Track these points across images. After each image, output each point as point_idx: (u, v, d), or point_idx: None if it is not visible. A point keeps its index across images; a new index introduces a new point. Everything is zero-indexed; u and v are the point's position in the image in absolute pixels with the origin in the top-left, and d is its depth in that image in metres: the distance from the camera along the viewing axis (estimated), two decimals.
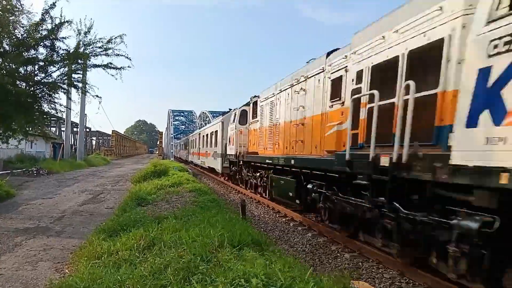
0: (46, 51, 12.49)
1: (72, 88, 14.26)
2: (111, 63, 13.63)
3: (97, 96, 15.16)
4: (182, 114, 76.57)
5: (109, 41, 13.29)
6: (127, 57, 13.67)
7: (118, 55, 13.48)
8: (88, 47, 13.07)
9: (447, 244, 4.82)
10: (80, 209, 11.73)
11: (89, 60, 13.64)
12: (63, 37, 12.47)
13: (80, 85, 14.10)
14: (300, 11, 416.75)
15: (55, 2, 11.94)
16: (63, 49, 12.64)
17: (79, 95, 15.09)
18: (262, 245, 6.53)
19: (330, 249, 8.11)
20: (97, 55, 13.40)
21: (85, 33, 12.88)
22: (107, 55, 13.42)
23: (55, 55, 12.54)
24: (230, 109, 23.62)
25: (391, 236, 6.20)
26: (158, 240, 6.17)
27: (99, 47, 13.23)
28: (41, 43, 12.08)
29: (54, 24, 12.04)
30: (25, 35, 11.85)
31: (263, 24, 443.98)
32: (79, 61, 13.22)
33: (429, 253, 5.52)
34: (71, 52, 12.71)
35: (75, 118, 38.63)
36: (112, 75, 13.88)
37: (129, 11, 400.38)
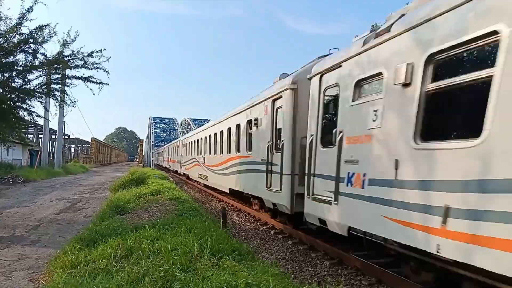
0: (25, 56, 12.31)
1: (50, 99, 14.09)
2: (92, 76, 13.56)
3: (72, 104, 15.07)
4: (163, 121, 76.00)
5: (90, 55, 13.23)
6: (106, 71, 13.62)
7: (98, 68, 13.42)
8: (70, 59, 12.97)
9: None
10: (57, 217, 11.50)
11: (70, 69, 13.51)
12: (42, 41, 12.30)
13: (58, 94, 13.93)
14: (283, 21, 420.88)
15: (32, 6, 11.81)
16: (41, 53, 12.47)
17: (56, 106, 14.91)
18: (242, 254, 6.52)
19: (310, 256, 8.14)
20: (77, 67, 13.31)
21: (67, 44, 12.78)
22: (86, 67, 13.34)
23: (34, 60, 12.36)
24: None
25: None
26: (136, 249, 6.08)
27: (80, 59, 13.15)
28: (19, 48, 11.89)
29: (32, 29, 11.88)
30: (1, 40, 11.63)
31: (246, 33, 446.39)
32: (58, 70, 13.07)
33: None
34: (50, 58, 12.55)
35: (54, 125, 38.07)
36: (91, 89, 13.80)
37: (111, 17, 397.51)
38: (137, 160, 78.95)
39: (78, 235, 7.91)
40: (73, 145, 69.62)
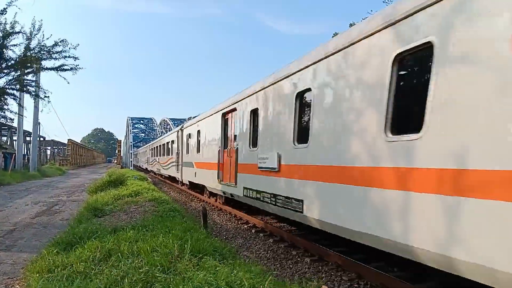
0: None
1: (24, 94, 13.74)
2: (64, 65, 13.24)
3: (47, 96, 14.68)
4: (141, 121, 75.20)
5: (55, 45, 12.91)
6: (75, 58, 13.32)
7: (66, 57, 13.13)
8: (38, 51, 12.62)
9: None
10: (33, 221, 11.22)
11: (40, 64, 13.17)
12: (13, 44, 12.00)
13: (32, 89, 13.57)
14: (262, 21, 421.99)
15: (6, 8, 11.49)
16: (11, 56, 12.15)
17: (33, 100, 14.51)
18: (224, 254, 6.50)
19: (291, 254, 8.19)
20: (44, 59, 12.97)
21: (33, 36, 12.43)
22: (54, 58, 13.04)
23: (3, 63, 12.01)
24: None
25: None
26: (115, 251, 5.99)
27: (46, 51, 12.80)
28: None
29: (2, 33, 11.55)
30: None
31: (224, 33, 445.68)
32: (30, 64, 12.74)
33: None
34: (20, 57, 12.22)
35: (28, 126, 37.20)
36: (64, 78, 13.50)
37: (86, 18, 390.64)
38: (115, 161, 77.81)
39: (55, 239, 7.73)
40: (49, 147, 68.07)
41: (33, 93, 13.88)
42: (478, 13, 3.90)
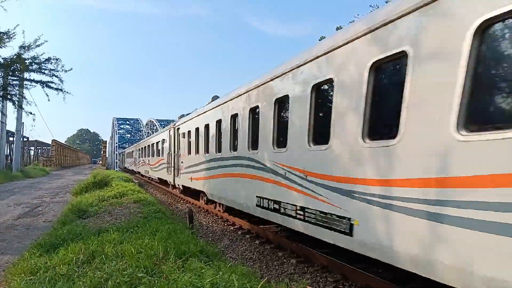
0: None
1: (7, 102, 13.57)
2: (52, 82, 13.11)
3: (30, 113, 14.54)
4: (127, 122, 74.46)
5: (47, 60, 12.78)
6: (60, 80, 13.23)
7: (53, 75, 13.02)
8: (30, 63, 12.47)
9: None
10: (15, 223, 11.02)
11: (28, 73, 13.00)
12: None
13: (15, 98, 13.37)
14: (248, 21, 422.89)
15: None
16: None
17: (15, 108, 14.31)
18: (209, 255, 6.48)
19: (277, 255, 8.20)
20: (33, 71, 12.80)
21: (30, 48, 12.30)
22: (43, 73, 12.89)
23: None
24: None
25: None
26: (98, 253, 5.92)
27: (37, 64, 12.66)
28: None
29: None
30: None
31: (211, 34, 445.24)
32: (16, 72, 12.55)
33: None
34: (7, 59, 12.02)
35: (11, 127, 36.60)
36: (47, 95, 13.35)
37: (72, 17, 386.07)
38: (101, 162, 76.91)
39: (37, 241, 7.62)
40: (32, 148, 66.96)
41: (17, 103, 13.69)
42: None
